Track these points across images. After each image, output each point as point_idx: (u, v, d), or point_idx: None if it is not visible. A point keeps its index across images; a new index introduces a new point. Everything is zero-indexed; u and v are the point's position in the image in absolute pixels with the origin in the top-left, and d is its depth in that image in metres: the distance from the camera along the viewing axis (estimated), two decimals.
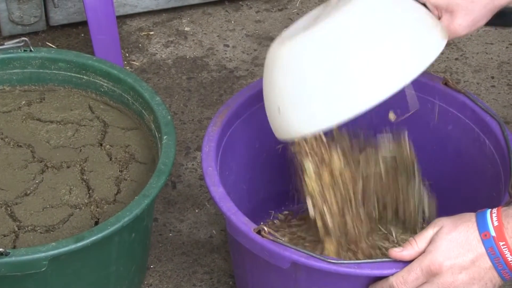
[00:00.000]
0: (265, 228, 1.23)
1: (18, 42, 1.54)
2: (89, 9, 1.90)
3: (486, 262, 1.16)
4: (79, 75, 1.55)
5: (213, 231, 1.68)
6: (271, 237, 1.23)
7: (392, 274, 1.20)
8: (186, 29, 2.15)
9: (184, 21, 2.18)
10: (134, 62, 2.05)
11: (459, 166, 1.50)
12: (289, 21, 2.18)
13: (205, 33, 2.14)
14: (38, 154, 1.46)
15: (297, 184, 1.37)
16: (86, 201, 1.39)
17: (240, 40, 2.12)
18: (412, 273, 1.19)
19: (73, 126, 1.51)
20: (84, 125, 1.52)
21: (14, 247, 1.32)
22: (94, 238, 1.26)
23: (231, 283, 1.59)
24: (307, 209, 1.39)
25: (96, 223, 1.37)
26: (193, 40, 2.12)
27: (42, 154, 1.46)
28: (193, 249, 1.65)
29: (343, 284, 1.26)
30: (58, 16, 2.09)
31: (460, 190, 1.50)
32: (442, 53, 2.09)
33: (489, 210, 1.19)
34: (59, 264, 1.27)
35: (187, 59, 2.07)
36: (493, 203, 1.34)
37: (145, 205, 1.31)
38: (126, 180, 1.43)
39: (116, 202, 1.40)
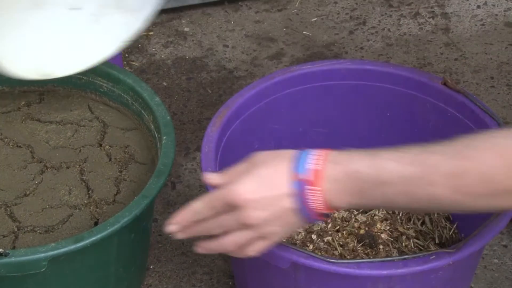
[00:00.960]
0: None
1: None
2: None
3: (287, 203, 1.11)
4: (78, 76, 1.55)
5: None
6: None
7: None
8: (186, 29, 2.15)
9: (183, 21, 2.18)
10: (133, 63, 2.05)
11: None
12: (288, 21, 2.18)
13: (204, 34, 2.14)
14: (37, 154, 1.46)
15: None
16: (85, 201, 1.39)
17: (239, 40, 2.12)
18: (212, 201, 1.14)
19: (72, 126, 1.51)
20: (83, 126, 1.52)
21: (14, 248, 1.32)
22: (93, 238, 1.25)
23: (230, 283, 1.59)
24: None
25: (96, 223, 1.37)
26: (193, 40, 2.12)
27: (41, 154, 1.46)
28: (193, 250, 1.65)
29: (343, 284, 1.26)
30: None
31: None
32: (441, 53, 2.10)
33: (311, 151, 1.12)
34: (58, 264, 1.27)
35: (186, 59, 2.07)
36: None
37: (144, 205, 1.31)
38: (125, 180, 1.43)
39: (116, 203, 1.40)
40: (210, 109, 1.93)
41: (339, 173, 1.09)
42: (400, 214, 1.54)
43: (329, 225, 1.48)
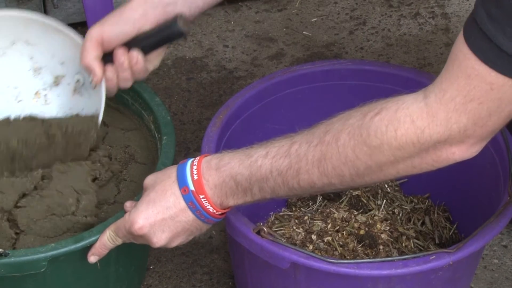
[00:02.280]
0: (265, 229, 1.24)
1: None
2: (89, 10, 1.89)
3: (189, 216, 1.18)
4: None
5: (213, 231, 1.68)
6: (270, 237, 1.23)
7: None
8: None
9: None
10: None
11: (458, 167, 1.49)
12: (288, 22, 2.18)
13: (204, 34, 2.14)
14: None
15: None
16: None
17: (239, 40, 2.12)
18: (120, 232, 1.23)
19: None
20: None
21: (14, 248, 1.31)
22: (93, 238, 1.25)
23: (230, 283, 1.59)
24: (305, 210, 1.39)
25: None
26: (193, 40, 2.12)
27: None
28: (193, 250, 1.65)
29: (343, 284, 1.26)
30: (57, 17, 2.09)
31: (460, 191, 1.50)
32: (441, 54, 2.10)
33: (189, 163, 1.19)
34: (58, 264, 1.27)
35: (186, 59, 2.07)
36: (493, 203, 1.34)
37: None
38: (125, 180, 1.43)
39: (116, 203, 1.40)
40: (210, 109, 1.93)
41: (215, 179, 1.16)
42: (400, 214, 1.54)
43: (329, 226, 1.48)
